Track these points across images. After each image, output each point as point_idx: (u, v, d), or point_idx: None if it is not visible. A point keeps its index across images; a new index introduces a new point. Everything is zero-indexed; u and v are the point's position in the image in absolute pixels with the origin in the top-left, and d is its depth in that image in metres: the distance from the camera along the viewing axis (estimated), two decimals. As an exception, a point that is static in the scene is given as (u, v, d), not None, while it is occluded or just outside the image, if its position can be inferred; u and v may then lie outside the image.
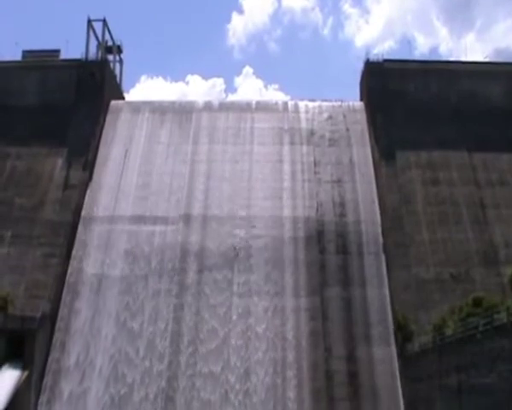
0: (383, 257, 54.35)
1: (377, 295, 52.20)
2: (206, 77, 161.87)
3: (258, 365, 49.02)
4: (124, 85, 77.23)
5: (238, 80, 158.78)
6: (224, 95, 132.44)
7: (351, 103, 67.61)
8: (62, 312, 52.08)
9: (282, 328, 51.01)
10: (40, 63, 69.29)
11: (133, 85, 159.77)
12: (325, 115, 66.05)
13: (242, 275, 53.88)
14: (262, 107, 67.97)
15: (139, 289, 53.13)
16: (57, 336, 50.75)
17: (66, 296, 53.01)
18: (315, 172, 60.78)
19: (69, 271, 54.50)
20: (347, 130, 64.32)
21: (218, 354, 49.46)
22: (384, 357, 49.01)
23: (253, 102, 69.02)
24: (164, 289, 53.13)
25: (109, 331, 51.07)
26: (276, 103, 69.25)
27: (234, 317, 51.43)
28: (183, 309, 52.19)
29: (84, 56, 69.19)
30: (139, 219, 57.65)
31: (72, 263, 55.02)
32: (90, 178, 60.99)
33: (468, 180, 58.77)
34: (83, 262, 55.06)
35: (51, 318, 51.17)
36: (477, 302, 42.69)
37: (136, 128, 65.56)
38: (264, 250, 55.29)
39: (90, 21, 71.87)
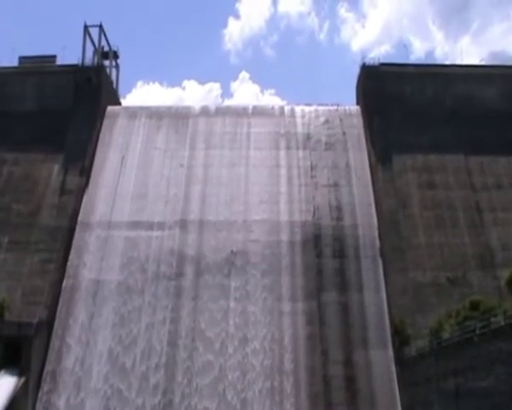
0: (380, 261, 54.34)
1: (374, 299, 52.17)
2: (202, 82, 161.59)
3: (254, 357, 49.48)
4: (120, 91, 77.50)
5: (234, 85, 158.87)
6: (220, 100, 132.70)
7: (347, 107, 67.70)
8: (59, 319, 51.95)
9: (279, 332, 50.91)
10: (37, 69, 69.39)
11: (130, 91, 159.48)
12: (321, 119, 66.12)
13: (239, 279, 53.79)
14: (258, 111, 68.03)
15: (136, 296, 53.03)
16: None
17: (62, 303, 52.86)
18: (311, 177, 60.81)
19: (66, 277, 54.36)
20: (344, 134, 64.38)
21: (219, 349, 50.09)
22: (381, 361, 48.96)
23: (250, 107, 69.04)
24: (160, 295, 53.06)
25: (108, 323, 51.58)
26: (273, 108, 69.35)
27: (231, 322, 51.36)
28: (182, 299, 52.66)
29: (80, 62, 69.19)
30: (136, 225, 57.57)
31: (69, 269, 54.89)
32: (87, 183, 60.94)
33: (464, 184, 58.81)
34: (79, 268, 54.93)
35: (48, 324, 51.02)
36: (474, 306, 42.80)
37: (132, 133, 65.59)
38: (261, 255, 55.22)
39: (86, 27, 71.89)
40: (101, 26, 73.21)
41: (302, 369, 48.94)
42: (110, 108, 68.41)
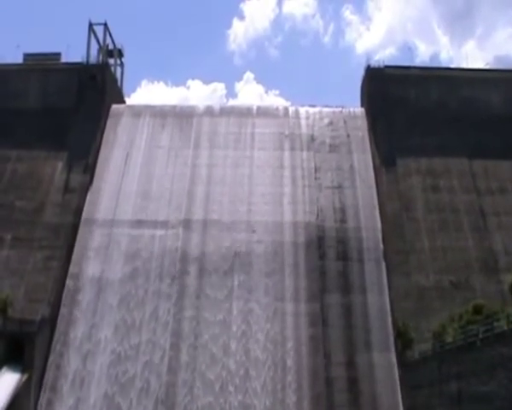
0: (383, 264, 54.31)
1: (377, 301, 52.16)
2: (207, 82, 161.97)
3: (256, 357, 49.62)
4: (125, 90, 77.22)
5: (239, 85, 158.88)
6: (224, 100, 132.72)
7: (351, 109, 67.56)
8: (62, 316, 52.05)
9: (282, 333, 50.96)
10: (41, 66, 69.29)
11: (134, 90, 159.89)
12: (326, 121, 66.04)
13: (242, 280, 53.81)
14: (263, 112, 67.99)
15: (138, 294, 53.18)
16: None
17: (65, 301, 52.97)
18: (315, 178, 60.80)
19: (69, 274, 54.44)
20: (348, 136, 64.31)
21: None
22: (384, 364, 48.97)
23: (254, 108, 69.03)
24: (163, 294, 53.23)
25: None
26: (277, 109, 69.26)
27: (233, 321, 51.44)
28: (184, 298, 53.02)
29: (85, 60, 69.16)
30: (139, 224, 57.63)
31: (73, 266, 54.96)
32: (91, 181, 61.00)
33: (468, 187, 58.79)
34: (83, 266, 55.02)
35: (51, 321, 51.10)
36: (477, 310, 42.75)
37: (136, 132, 65.57)
38: (264, 255, 55.25)
39: (91, 25, 71.78)
40: (106, 25, 73.08)
41: (304, 370, 48.95)
42: (114, 107, 68.38)
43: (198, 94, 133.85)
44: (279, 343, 50.21)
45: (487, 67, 71.81)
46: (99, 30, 72.92)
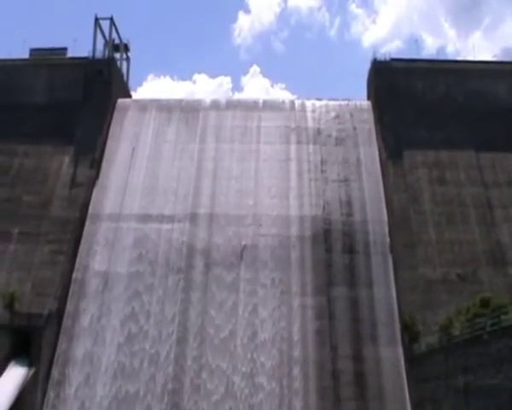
0: (390, 257, 54.13)
1: (384, 294, 52.04)
2: (213, 76, 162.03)
3: (263, 351, 49.61)
4: (131, 84, 77.11)
5: (245, 79, 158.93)
6: (230, 93, 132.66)
7: (358, 102, 67.23)
8: (69, 310, 52.26)
9: (289, 326, 50.99)
10: (48, 61, 69.40)
11: (140, 84, 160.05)
12: (332, 114, 65.77)
13: (249, 274, 53.83)
14: (269, 105, 67.71)
15: (145, 288, 53.35)
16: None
17: (72, 294, 53.15)
18: (322, 171, 60.61)
19: (76, 268, 54.64)
20: (354, 129, 64.05)
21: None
22: (391, 357, 48.88)
23: (260, 101, 68.79)
24: (170, 289, 53.34)
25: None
26: (283, 102, 68.96)
27: (240, 316, 51.50)
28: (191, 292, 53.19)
29: (91, 54, 69.18)
30: (146, 218, 57.69)
31: (79, 261, 55.15)
32: (97, 175, 61.09)
33: (475, 180, 58.47)
34: (89, 260, 55.19)
35: (58, 315, 51.32)
36: (484, 303, 42.46)
37: (143, 126, 65.54)
38: (270, 249, 55.20)
39: (97, 20, 71.75)
40: (112, 19, 73.07)
41: (311, 364, 48.99)
42: (120, 101, 68.38)
43: (204, 88, 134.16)
44: (286, 336, 50.26)
45: (495, 59, 71.41)
46: (105, 24, 72.94)
